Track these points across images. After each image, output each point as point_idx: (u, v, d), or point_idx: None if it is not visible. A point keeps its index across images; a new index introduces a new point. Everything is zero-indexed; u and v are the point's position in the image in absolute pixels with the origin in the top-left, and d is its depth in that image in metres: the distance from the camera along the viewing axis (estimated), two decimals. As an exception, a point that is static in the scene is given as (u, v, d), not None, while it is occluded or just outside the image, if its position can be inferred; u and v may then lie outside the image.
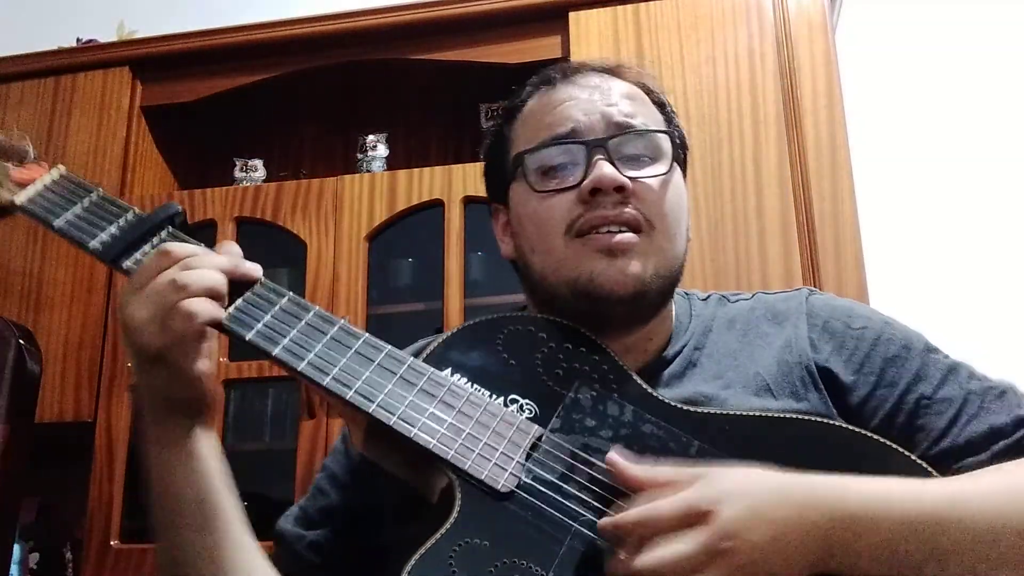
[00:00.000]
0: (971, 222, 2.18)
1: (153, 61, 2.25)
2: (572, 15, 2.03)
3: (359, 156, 2.26)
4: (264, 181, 2.28)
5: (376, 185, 2.06)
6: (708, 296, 0.98)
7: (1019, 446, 0.78)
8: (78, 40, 2.47)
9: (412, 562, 0.64)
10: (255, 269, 0.79)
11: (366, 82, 2.31)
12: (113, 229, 0.81)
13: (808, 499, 0.67)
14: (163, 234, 0.80)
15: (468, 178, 1.99)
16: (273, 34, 2.18)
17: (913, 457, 0.76)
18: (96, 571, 1.90)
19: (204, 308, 0.74)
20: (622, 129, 0.88)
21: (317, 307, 0.78)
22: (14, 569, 2.08)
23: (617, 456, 0.70)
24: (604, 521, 0.67)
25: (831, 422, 0.79)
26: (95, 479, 1.95)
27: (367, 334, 0.77)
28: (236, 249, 0.80)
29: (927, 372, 0.84)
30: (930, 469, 0.76)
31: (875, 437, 0.77)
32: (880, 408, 0.82)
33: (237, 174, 2.30)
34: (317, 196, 2.07)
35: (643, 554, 0.64)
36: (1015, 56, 2.28)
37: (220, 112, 2.29)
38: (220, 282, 0.75)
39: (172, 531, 0.78)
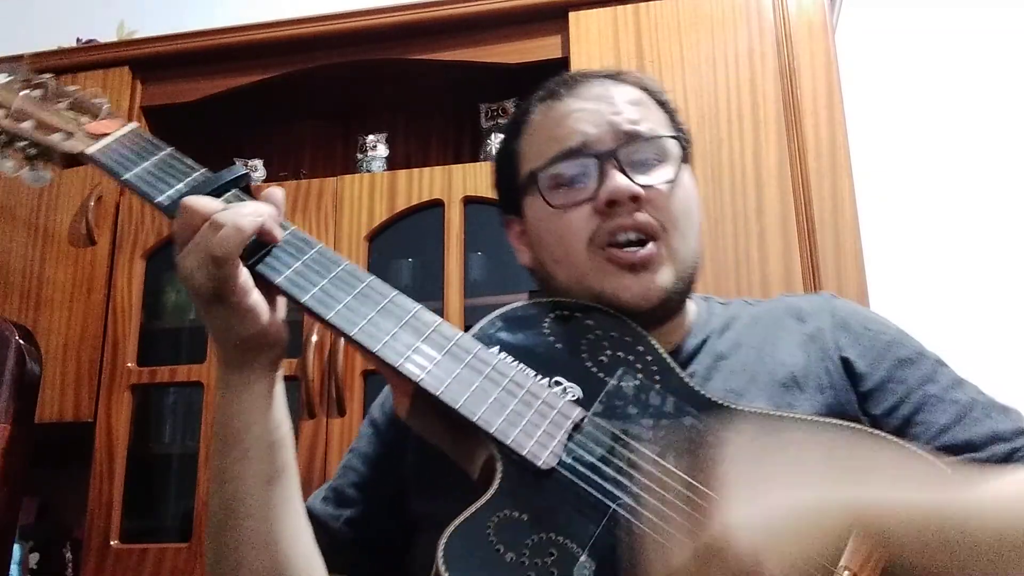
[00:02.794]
0: (971, 222, 2.18)
1: (153, 61, 2.25)
2: (572, 15, 2.03)
3: (359, 156, 2.26)
4: (264, 181, 2.28)
5: (376, 185, 2.06)
6: (729, 301, 1.01)
7: (1014, 451, 0.80)
8: (78, 40, 2.47)
9: (451, 529, 0.66)
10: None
11: (366, 82, 2.31)
12: (181, 186, 0.82)
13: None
14: (229, 196, 0.81)
15: (468, 178, 1.99)
16: (273, 34, 2.18)
17: (949, 470, 0.76)
18: (96, 571, 1.90)
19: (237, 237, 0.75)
20: (630, 137, 0.90)
21: (372, 276, 0.79)
22: (14, 569, 2.08)
23: None
24: None
25: (869, 430, 0.80)
26: (95, 479, 1.95)
27: (421, 306, 0.78)
28: (278, 195, 0.81)
29: (937, 377, 0.87)
30: (963, 484, 0.75)
31: (911, 447, 0.77)
32: (884, 400, 0.85)
33: (246, 170, 2.29)
34: (317, 196, 2.07)
35: None
36: (1015, 57, 2.29)
37: (220, 112, 2.29)
38: (255, 220, 0.76)
39: (236, 482, 0.78)
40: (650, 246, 0.87)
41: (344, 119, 2.47)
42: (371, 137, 2.26)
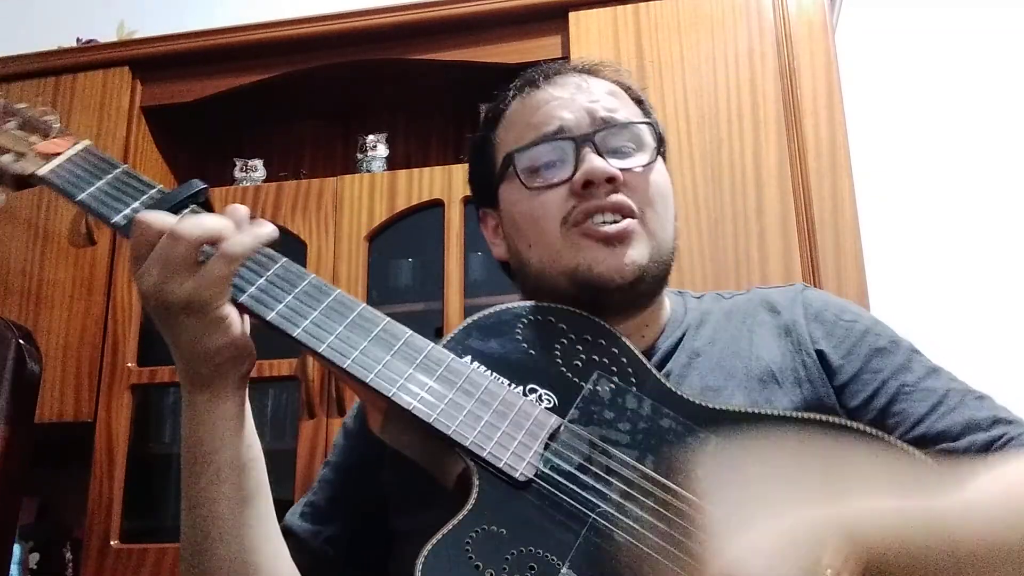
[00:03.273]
0: (971, 222, 2.18)
1: (153, 61, 2.25)
2: (572, 15, 2.03)
3: (359, 156, 2.26)
4: (264, 181, 2.28)
5: (376, 185, 2.06)
6: (702, 295, 1.00)
7: (993, 441, 0.80)
8: (78, 40, 2.47)
9: (430, 546, 0.65)
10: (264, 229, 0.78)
11: (366, 82, 2.31)
12: (137, 205, 0.79)
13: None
14: (187, 212, 0.78)
15: (468, 178, 1.99)
16: (273, 34, 2.18)
17: (930, 462, 0.75)
18: (96, 571, 1.90)
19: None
20: (606, 123, 0.90)
21: (339, 291, 0.78)
22: (14, 569, 2.08)
23: None
24: None
25: (848, 423, 0.79)
26: (95, 479, 1.95)
27: (388, 318, 0.77)
28: (242, 211, 0.79)
29: (911, 366, 0.86)
30: (947, 485, 0.74)
31: (894, 440, 0.77)
32: (861, 391, 0.84)
33: (237, 174, 2.30)
34: (317, 196, 2.07)
35: None
36: (1015, 57, 2.29)
37: (220, 112, 2.29)
38: (219, 226, 0.74)
39: (208, 506, 0.76)
40: (626, 221, 0.86)
41: (344, 119, 2.47)
42: (371, 137, 2.26)
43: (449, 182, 2.01)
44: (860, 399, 0.84)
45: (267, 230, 0.77)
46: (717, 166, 1.87)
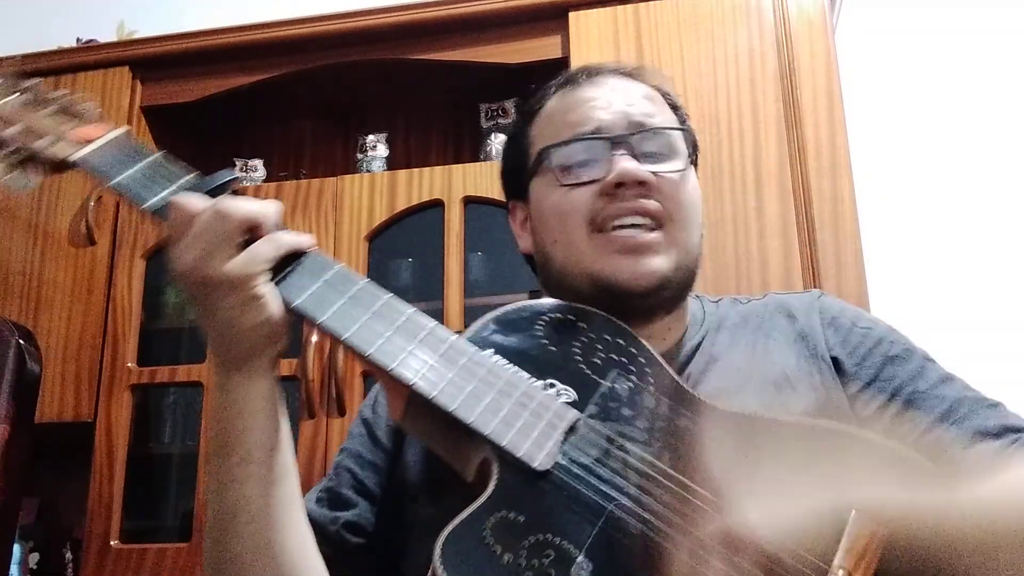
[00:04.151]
0: (971, 222, 2.18)
1: (153, 61, 2.25)
2: (572, 15, 2.03)
3: (359, 156, 2.26)
4: (264, 181, 2.28)
5: (376, 185, 2.06)
6: (719, 299, 1.01)
7: (1003, 450, 0.80)
8: (78, 40, 2.47)
9: (449, 530, 0.66)
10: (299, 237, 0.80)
11: (366, 82, 2.31)
12: (172, 189, 0.81)
13: None
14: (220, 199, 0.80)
15: (468, 178, 1.99)
16: (273, 34, 2.18)
17: (940, 470, 0.76)
18: (96, 571, 1.90)
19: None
20: (642, 127, 0.91)
21: (366, 280, 0.79)
22: (14, 569, 2.08)
23: None
24: None
25: (859, 430, 0.79)
26: (95, 479, 1.95)
27: (414, 309, 0.78)
28: (277, 206, 0.80)
29: (925, 374, 0.87)
30: (956, 477, 0.76)
31: (902, 445, 0.77)
32: (873, 398, 0.85)
33: (237, 174, 2.30)
34: (317, 196, 2.07)
35: None
36: (1015, 57, 2.29)
37: (220, 112, 2.29)
38: (260, 210, 0.76)
39: (237, 487, 0.76)
40: (652, 232, 0.88)
41: (344, 119, 2.48)
42: (371, 137, 2.26)
43: (449, 182, 2.01)
44: (873, 406, 0.85)
45: (308, 237, 0.79)
46: (717, 166, 1.87)
